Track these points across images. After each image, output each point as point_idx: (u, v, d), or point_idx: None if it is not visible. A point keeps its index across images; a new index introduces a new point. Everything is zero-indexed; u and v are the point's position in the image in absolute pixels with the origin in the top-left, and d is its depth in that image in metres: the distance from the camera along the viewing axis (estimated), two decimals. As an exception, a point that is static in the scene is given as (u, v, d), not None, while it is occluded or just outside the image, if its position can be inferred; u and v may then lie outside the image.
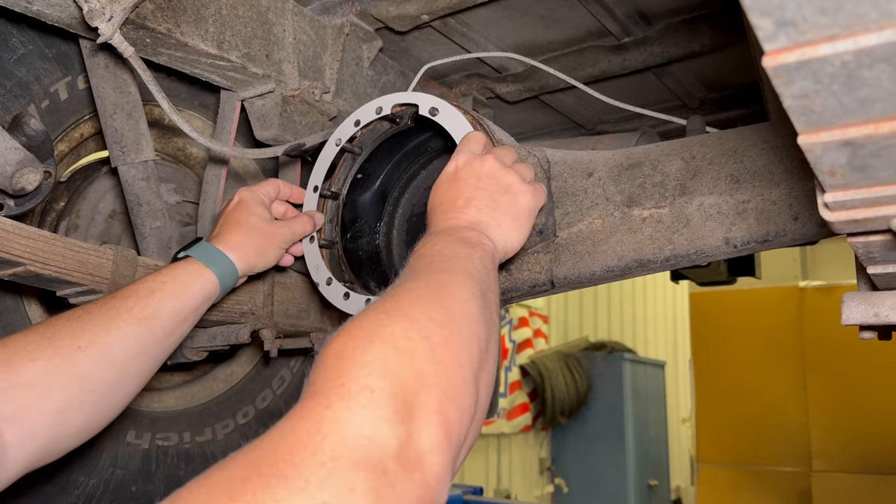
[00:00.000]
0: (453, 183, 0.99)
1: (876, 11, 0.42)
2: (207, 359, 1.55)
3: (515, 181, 1.00)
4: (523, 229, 0.99)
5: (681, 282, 3.13)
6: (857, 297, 0.88)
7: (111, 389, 0.93)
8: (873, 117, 0.51)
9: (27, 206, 1.13)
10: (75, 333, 0.91)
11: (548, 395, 6.51)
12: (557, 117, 2.02)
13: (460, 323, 0.70)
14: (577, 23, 1.57)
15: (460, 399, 0.63)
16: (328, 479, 0.50)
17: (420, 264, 0.80)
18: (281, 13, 1.37)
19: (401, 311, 0.67)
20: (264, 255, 1.17)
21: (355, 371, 0.58)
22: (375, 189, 1.41)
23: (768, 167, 1.10)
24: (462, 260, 0.82)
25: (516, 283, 1.24)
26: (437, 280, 0.76)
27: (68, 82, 1.37)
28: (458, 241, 0.88)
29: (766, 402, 4.41)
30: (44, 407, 0.84)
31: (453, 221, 0.94)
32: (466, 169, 0.99)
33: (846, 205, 0.62)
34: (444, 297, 0.72)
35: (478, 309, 0.74)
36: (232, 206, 1.19)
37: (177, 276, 1.04)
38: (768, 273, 3.05)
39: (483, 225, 0.94)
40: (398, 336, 0.63)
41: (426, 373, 0.61)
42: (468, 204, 0.95)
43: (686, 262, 1.18)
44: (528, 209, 1.00)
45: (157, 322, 0.98)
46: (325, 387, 0.57)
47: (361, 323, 0.65)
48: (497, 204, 0.96)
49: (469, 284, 0.77)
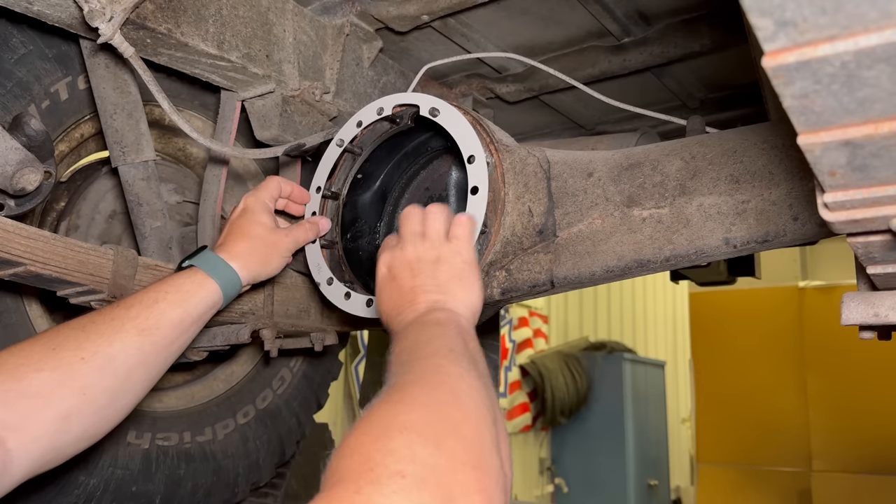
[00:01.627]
0: (392, 283, 1.01)
1: (876, 11, 0.42)
2: (208, 359, 1.55)
3: (440, 249, 1.01)
4: (474, 284, 1.00)
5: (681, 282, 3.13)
6: (857, 297, 0.88)
7: (113, 398, 0.94)
8: (873, 117, 0.51)
9: (27, 207, 1.13)
10: (79, 344, 0.92)
11: (548, 395, 6.51)
12: (557, 117, 2.02)
13: (466, 399, 0.70)
14: (577, 23, 1.57)
15: (493, 468, 0.63)
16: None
17: (404, 358, 0.81)
18: (281, 13, 1.37)
19: (411, 400, 0.67)
20: (267, 264, 1.18)
21: (382, 458, 0.57)
22: (375, 189, 1.42)
23: (768, 167, 1.10)
24: (439, 339, 0.84)
25: (516, 283, 1.24)
26: (428, 365, 0.76)
27: (69, 82, 1.37)
28: (427, 325, 0.89)
29: (766, 402, 4.41)
30: (46, 416, 0.86)
31: (412, 314, 0.95)
32: (396, 264, 1.01)
33: (846, 205, 0.62)
34: (443, 378, 0.73)
35: (476, 381, 0.75)
36: (237, 214, 1.19)
37: (180, 286, 1.04)
38: (768, 273, 3.05)
39: (440, 303, 0.95)
40: (417, 423, 0.63)
41: (456, 454, 0.60)
42: (415, 293, 0.97)
43: (686, 262, 1.18)
44: (466, 265, 1.01)
45: (160, 332, 0.99)
46: (351, 474, 0.56)
47: (373, 418, 0.64)
48: (438, 279, 0.98)
49: (458, 359, 0.78)
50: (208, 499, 1.72)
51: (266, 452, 1.84)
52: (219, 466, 1.73)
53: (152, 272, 1.24)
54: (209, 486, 1.71)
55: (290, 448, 1.93)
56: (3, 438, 0.81)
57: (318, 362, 1.98)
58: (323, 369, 2.00)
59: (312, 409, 1.99)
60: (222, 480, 1.74)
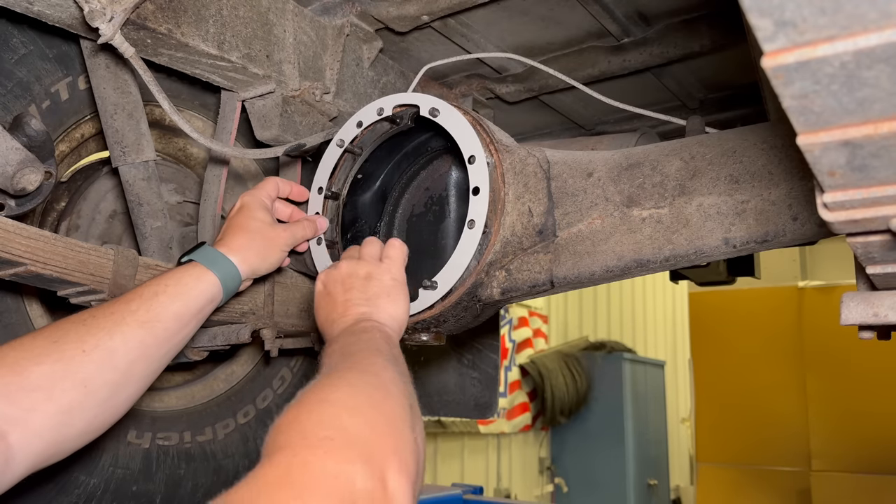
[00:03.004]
0: (327, 298, 1.10)
1: (875, 12, 0.43)
2: (208, 358, 1.55)
3: (372, 267, 1.11)
4: (400, 300, 1.09)
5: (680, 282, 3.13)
6: (857, 297, 0.88)
7: (114, 392, 0.94)
8: (872, 118, 0.51)
9: (28, 207, 1.13)
10: (80, 337, 0.92)
11: (547, 395, 6.51)
12: (557, 117, 2.02)
13: (390, 385, 0.80)
14: (576, 23, 1.57)
15: (408, 443, 0.71)
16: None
17: (333, 359, 0.89)
18: (281, 14, 1.38)
19: (341, 381, 0.77)
20: (266, 258, 1.19)
21: (313, 428, 0.66)
22: (375, 189, 1.42)
23: (767, 167, 1.10)
24: (366, 342, 0.94)
25: (516, 283, 1.24)
26: (357, 358, 0.87)
27: (69, 83, 1.37)
28: (355, 333, 0.99)
29: (766, 402, 4.41)
30: (48, 409, 0.86)
31: (343, 324, 1.04)
32: (330, 280, 1.11)
33: (845, 205, 0.62)
34: (370, 367, 0.84)
35: (398, 375, 0.84)
36: (234, 211, 1.21)
37: (180, 279, 1.05)
38: (768, 273, 3.05)
39: (367, 314, 1.04)
40: (344, 398, 0.73)
41: (377, 423, 0.70)
42: (346, 306, 1.06)
43: (685, 262, 1.18)
44: (394, 282, 1.10)
45: (160, 325, 1.00)
46: (287, 442, 0.64)
47: (306, 396, 0.73)
48: (368, 293, 1.08)
49: (382, 356, 0.89)
50: (208, 499, 1.72)
51: (266, 452, 1.84)
52: (219, 466, 1.73)
53: (153, 272, 1.24)
54: (209, 486, 1.71)
55: (291, 448, 1.93)
56: (5, 432, 0.81)
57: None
58: (323, 369, 2.00)
59: (312, 409, 1.99)
60: (222, 480, 1.74)
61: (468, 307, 1.22)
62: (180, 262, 1.13)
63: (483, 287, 1.21)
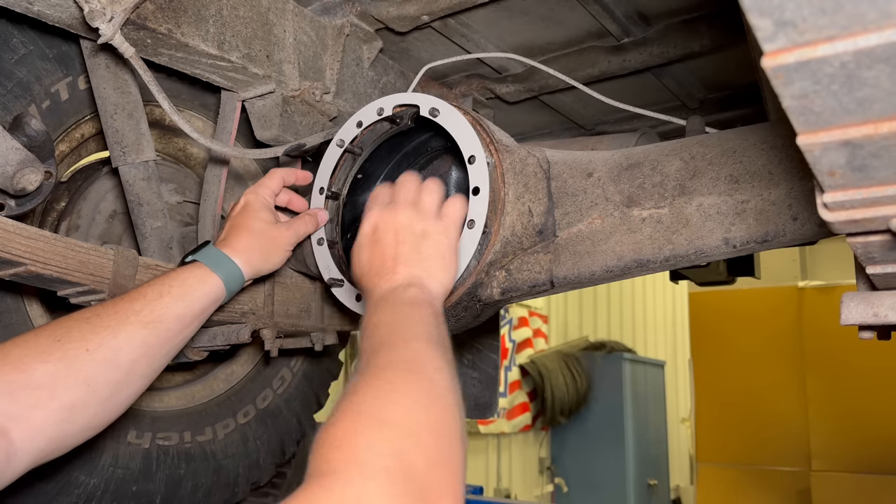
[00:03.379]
0: (375, 245, 1.02)
1: (875, 12, 0.43)
2: (208, 358, 1.55)
3: (430, 224, 1.03)
4: (452, 266, 1.03)
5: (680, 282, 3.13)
6: (857, 297, 0.88)
7: (116, 390, 0.95)
8: (872, 118, 0.51)
9: (28, 207, 1.13)
10: (84, 336, 0.93)
11: (547, 395, 6.51)
12: (557, 117, 2.02)
13: (444, 390, 0.76)
14: (576, 23, 1.57)
15: (460, 467, 0.69)
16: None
17: (382, 335, 0.85)
18: (281, 14, 1.38)
19: (394, 391, 0.72)
20: (269, 259, 1.19)
21: (368, 453, 0.63)
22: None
23: (767, 167, 1.10)
24: (417, 324, 0.88)
25: (516, 283, 1.24)
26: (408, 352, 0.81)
27: (69, 83, 1.37)
28: (404, 303, 0.93)
29: (766, 402, 4.41)
30: (50, 407, 0.87)
31: (390, 283, 0.98)
32: (382, 226, 1.03)
33: (845, 205, 0.62)
34: (422, 369, 0.78)
35: (449, 373, 0.80)
36: (238, 210, 1.21)
37: (184, 280, 1.06)
38: (768, 273, 3.05)
39: (418, 278, 0.98)
40: (403, 420, 0.68)
41: (432, 453, 0.67)
42: (397, 262, 0.99)
43: (685, 262, 1.18)
44: (449, 247, 1.03)
45: (163, 325, 1.00)
46: (341, 466, 0.62)
47: (360, 410, 0.69)
48: (421, 253, 1.00)
49: (435, 349, 0.83)
50: (208, 498, 1.72)
51: (266, 452, 1.84)
52: (219, 466, 1.73)
53: (153, 272, 1.24)
54: (209, 486, 1.71)
55: (291, 448, 1.93)
56: (7, 429, 0.82)
57: (319, 362, 1.98)
58: (323, 369, 2.00)
59: (313, 409, 1.99)
60: (222, 480, 1.74)
61: (468, 307, 1.22)
62: (184, 261, 1.13)
63: (483, 287, 1.21)
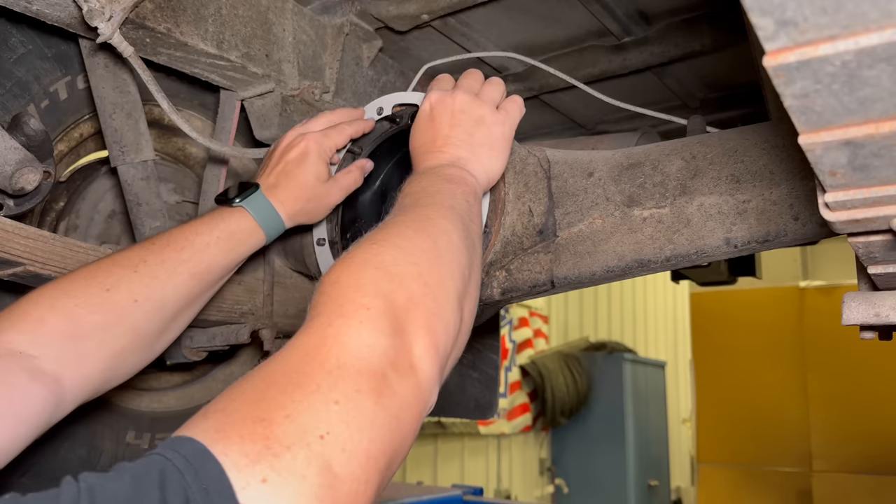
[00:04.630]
0: (430, 123, 1.03)
1: (876, 11, 0.42)
2: (207, 359, 1.55)
3: (487, 112, 1.03)
4: (501, 157, 1.03)
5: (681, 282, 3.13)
6: (858, 297, 0.88)
7: (160, 336, 1.00)
8: (874, 117, 0.50)
9: (27, 206, 1.13)
10: (133, 287, 0.95)
11: (548, 396, 6.51)
12: (558, 117, 2.02)
13: (444, 251, 0.77)
14: (577, 22, 1.57)
15: (446, 316, 0.71)
16: (336, 383, 0.58)
17: (406, 201, 0.87)
18: (281, 13, 1.37)
19: (390, 241, 0.75)
20: (313, 216, 1.19)
21: (351, 294, 0.66)
22: (375, 189, 1.41)
23: (769, 167, 1.09)
24: (445, 195, 0.88)
25: (516, 283, 1.24)
26: (422, 214, 0.82)
27: (68, 82, 1.37)
28: (441, 178, 0.93)
29: (767, 403, 4.41)
30: (100, 355, 0.91)
31: (435, 160, 0.99)
32: (440, 107, 1.03)
33: (847, 205, 0.62)
34: (430, 228, 0.79)
35: (460, 239, 0.81)
36: (295, 155, 1.16)
37: (232, 233, 1.06)
38: (769, 273, 3.05)
39: (463, 160, 0.98)
40: (389, 263, 0.71)
41: (414, 293, 0.69)
42: (446, 142, 1.00)
43: (686, 262, 1.17)
44: (503, 137, 1.03)
45: (209, 276, 1.04)
46: (325, 309, 0.65)
47: (355, 254, 0.72)
48: (473, 138, 1.01)
49: (451, 217, 0.84)
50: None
51: (266, 452, 1.84)
52: (218, 466, 1.73)
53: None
54: (209, 487, 1.71)
55: (290, 448, 1.93)
56: (60, 375, 0.85)
57: (318, 362, 1.98)
58: (323, 369, 2.00)
59: (312, 410, 1.99)
60: (222, 480, 1.74)
61: (468, 307, 1.22)
62: (231, 199, 1.10)
63: (483, 287, 1.21)
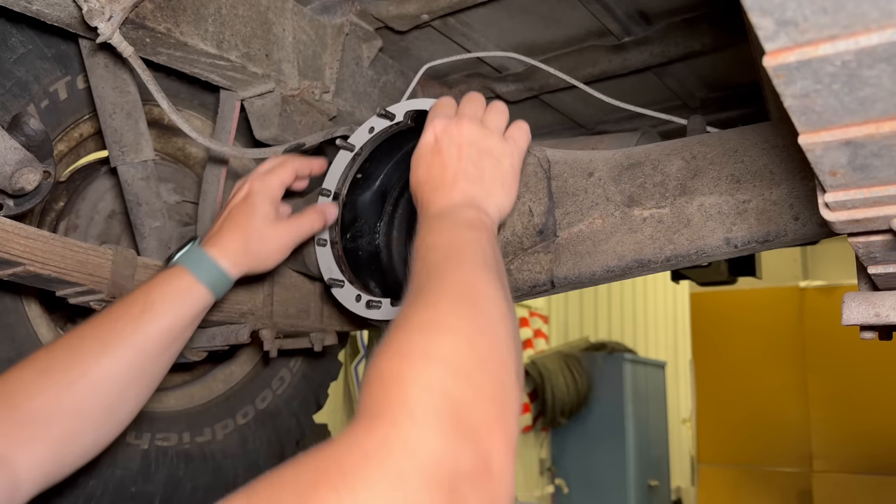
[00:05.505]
0: (436, 156, 0.97)
1: (876, 11, 0.42)
2: (207, 359, 1.55)
3: (496, 143, 0.98)
4: (512, 191, 0.98)
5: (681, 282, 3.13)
6: (858, 297, 0.88)
7: (110, 414, 0.94)
8: (874, 117, 0.50)
9: (26, 206, 1.13)
10: (69, 366, 0.91)
11: (548, 396, 6.51)
12: (558, 117, 2.02)
13: (497, 325, 0.71)
14: (577, 22, 1.57)
15: (513, 402, 0.65)
16: (396, 495, 0.52)
17: (436, 259, 0.80)
18: (281, 13, 1.37)
19: (444, 325, 0.68)
20: (262, 261, 1.11)
21: (418, 393, 0.60)
22: (375, 189, 1.41)
23: (769, 167, 1.09)
24: (474, 248, 0.82)
25: (516, 283, 1.24)
26: (463, 280, 0.76)
27: (68, 82, 1.37)
28: (461, 224, 0.87)
29: (767, 403, 4.40)
30: (46, 440, 0.87)
31: (447, 200, 0.92)
32: (446, 138, 0.97)
33: (847, 205, 0.62)
34: (478, 300, 0.73)
35: (504, 302, 0.75)
36: (238, 199, 1.12)
37: (167, 293, 1.00)
38: (769, 273, 3.05)
39: (477, 199, 0.93)
40: (451, 355, 0.64)
41: (482, 388, 0.63)
42: (456, 178, 0.94)
43: (687, 262, 1.17)
44: (512, 169, 0.98)
45: (150, 343, 0.96)
46: (389, 407, 0.59)
47: (412, 342, 0.66)
48: (483, 172, 0.95)
49: (491, 277, 0.77)
50: (207, 499, 1.72)
51: (265, 453, 1.84)
52: (218, 467, 1.73)
53: (151, 272, 1.24)
54: (208, 487, 1.70)
55: (290, 448, 1.93)
56: (8, 460, 0.83)
57: (318, 362, 1.98)
58: (322, 369, 2.00)
59: (312, 410, 1.99)
60: (222, 481, 1.74)
61: (468, 307, 1.21)
62: (170, 258, 1.09)
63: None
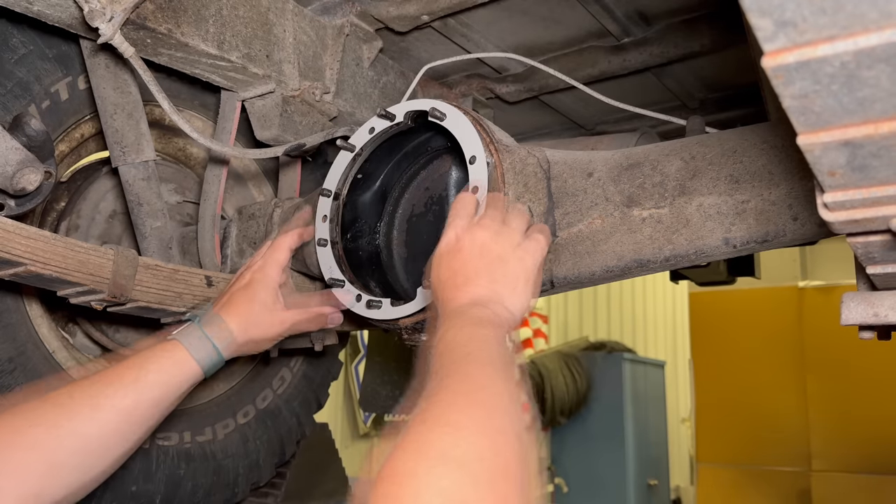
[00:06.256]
0: (457, 254, 1.00)
1: (875, 12, 0.43)
2: (208, 359, 1.55)
3: (507, 249, 1.00)
4: (524, 295, 0.99)
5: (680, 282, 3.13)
6: (857, 297, 0.88)
7: (87, 472, 0.99)
8: (873, 117, 0.51)
9: (28, 207, 1.13)
10: (56, 422, 0.95)
11: (547, 395, 6.51)
12: (557, 117, 2.02)
13: (504, 424, 0.72)
14: (576, 23, 1.57)
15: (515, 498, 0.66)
16: None
17: (449, 358, 0.81)
18: (281, 13, 1.37)
19: (463, 429, 0.68)
20: (258, 345, 1.20)
21: (432, 497, 0.60)
22: (375, 189, 1.42)
23: (768, 167, 1.10)
24: (486, 349, 0.84)
25: (516, 283, 1.24)
26: (473, 385, 0.77)
27: (69, 82, 1.37)
28: (471, 322, 0.89)
29: (766, 402, 4.41)
30: (19, 492, 0.90)
31: (467, 299, 0.95)
32: (467, 238, 1.00)
33: (846, 205, 0.62)
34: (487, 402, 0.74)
35: (510, 399, 0.77)
36: (240, 286, 1.20)
37: (161, 367, 1.06)
38: (768, 273, 3.05)
39: (485, 300, 0.95)
40: (470, 462, 0.64)
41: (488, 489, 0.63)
42: (478, 279, 0.97)
43: (686, 262, 1.18)
44: (524, 275, 1.00)
45: (137, 411, 1.02)
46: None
47: (429, 445, 0.66)
48: (493, 276, 0.97)
49: (500, 377, 0.79)
50: (208, 499, 1.72)
51: (266, 452, 1.84)
52: (219, 466, 1.73)
53: (152, 272, 1.24)
54: (209, 486, 1.71)
55: (291, 448, 1.93)
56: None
57: (319, 362, 1.98)
58: (323, 369, 2.00)
59: (312, 409, 1.99)
60: (222, 480, 1.74)
61: (468, 307, 1.22)
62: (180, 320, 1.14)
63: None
